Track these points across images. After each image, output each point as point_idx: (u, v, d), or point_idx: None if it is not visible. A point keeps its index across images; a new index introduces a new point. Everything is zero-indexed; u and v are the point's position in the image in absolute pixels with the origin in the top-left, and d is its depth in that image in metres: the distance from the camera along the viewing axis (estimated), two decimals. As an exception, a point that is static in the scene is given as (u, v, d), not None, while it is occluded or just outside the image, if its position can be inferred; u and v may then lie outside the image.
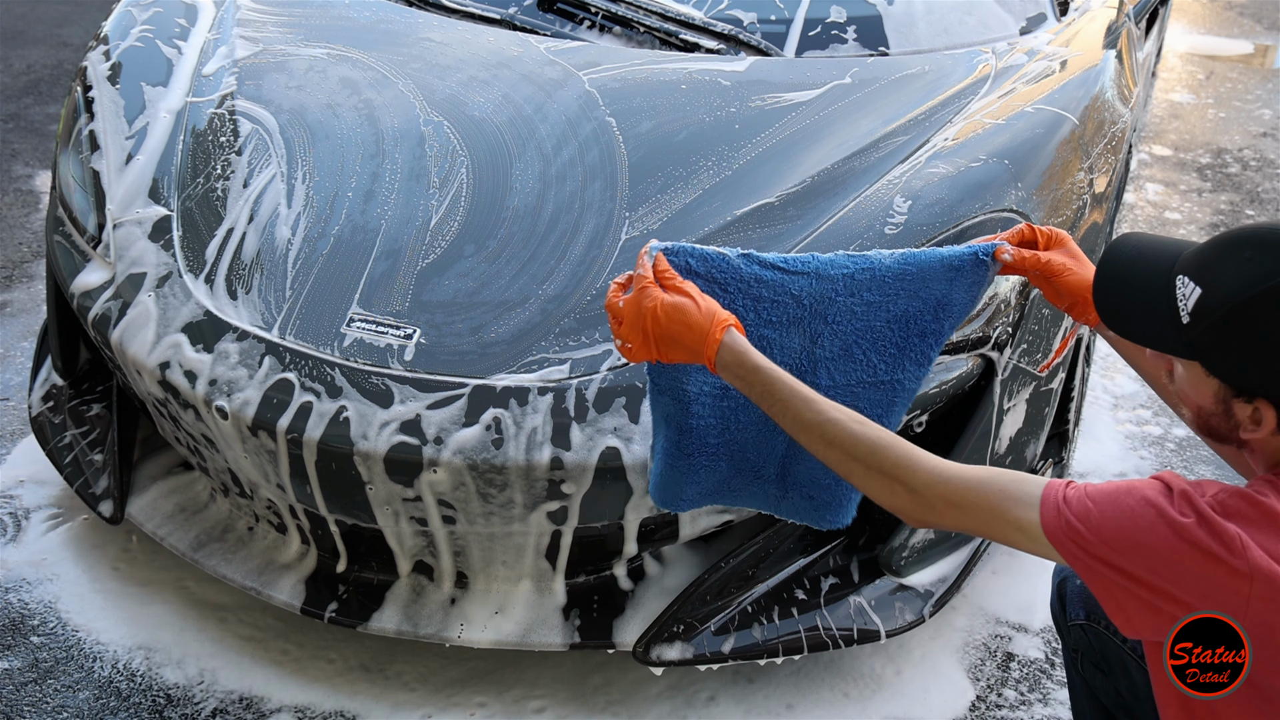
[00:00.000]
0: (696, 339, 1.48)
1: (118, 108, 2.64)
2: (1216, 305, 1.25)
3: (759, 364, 1.47)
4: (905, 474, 1.38)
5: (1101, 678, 1.76)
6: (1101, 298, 1.40)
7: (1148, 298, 1.33)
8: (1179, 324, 1.29)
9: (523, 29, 2.87)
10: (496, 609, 2.17)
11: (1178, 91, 6.15)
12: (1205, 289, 1.26)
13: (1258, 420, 1.28)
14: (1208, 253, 1.30)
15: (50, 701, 2.21)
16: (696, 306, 1.49)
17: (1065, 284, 1.66)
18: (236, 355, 2.13)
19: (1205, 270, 1.28)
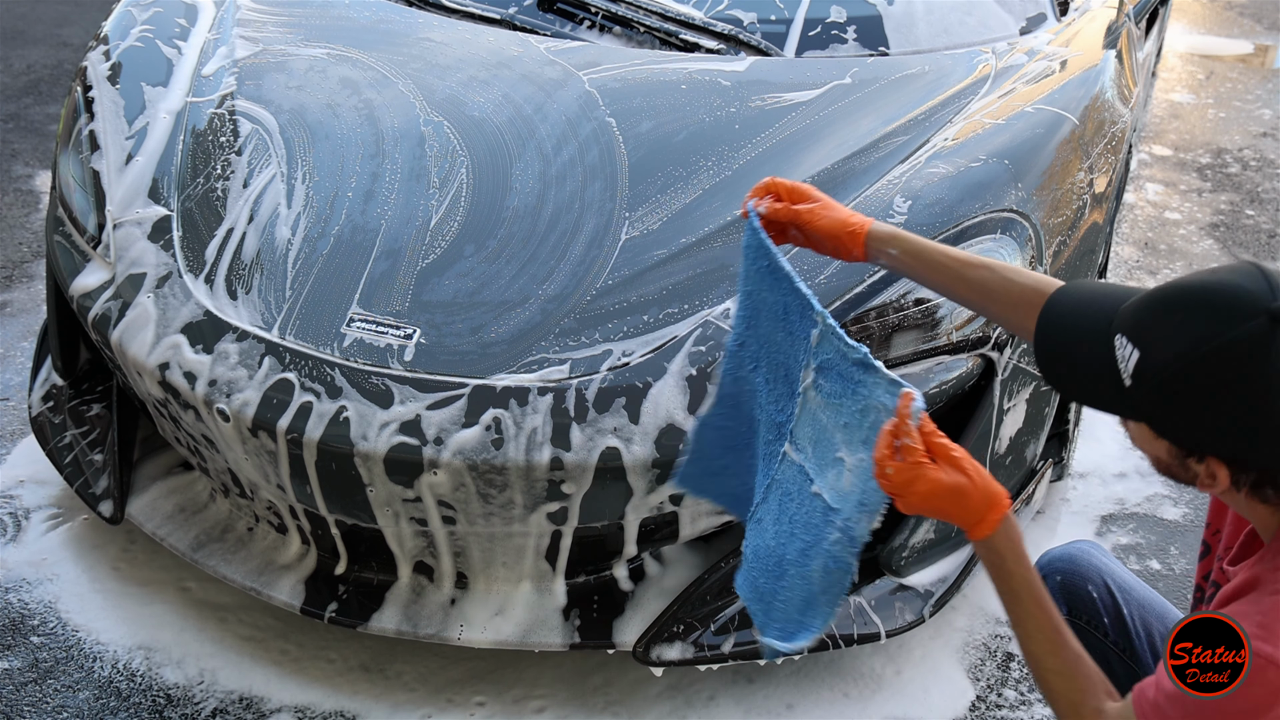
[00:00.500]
0: (969, 520, 1.39)
1: (118, 108, 2.63)
2: (1156, 370, 1.21)
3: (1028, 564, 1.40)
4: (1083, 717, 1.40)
5: None
6: (1044, 362, 1.36)
7: (1088, 360, 1.29)
8: (1122, 387, 1.25)
9: (523, 29, 2.87)
10: (496, 609, 2.17)
11: (1178, 91, 6.15)
12: (1143, 351, 1.23)
13: (1211, 476, 1.26)
14: (1143, 312, 1.25)
15: (50, 701, 2.21)
16: (974, 486, 1.37)
17: (821, 228, 1.63)
18: (236, 355, 2.13)
19: (1142, 331, 1.24)
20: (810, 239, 1.67)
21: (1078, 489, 2.95)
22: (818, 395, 1.60)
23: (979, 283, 1.61)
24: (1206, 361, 1.18)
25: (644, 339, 2.10)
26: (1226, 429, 1.20)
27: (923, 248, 1.63)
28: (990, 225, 2.26)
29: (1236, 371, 1.17)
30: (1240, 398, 1.17)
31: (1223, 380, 1.17)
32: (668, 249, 2.23)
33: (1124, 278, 4.10)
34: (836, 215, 1.64)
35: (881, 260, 1.65)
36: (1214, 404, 1.19)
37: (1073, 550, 1.79)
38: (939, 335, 2.19)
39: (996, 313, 1.62)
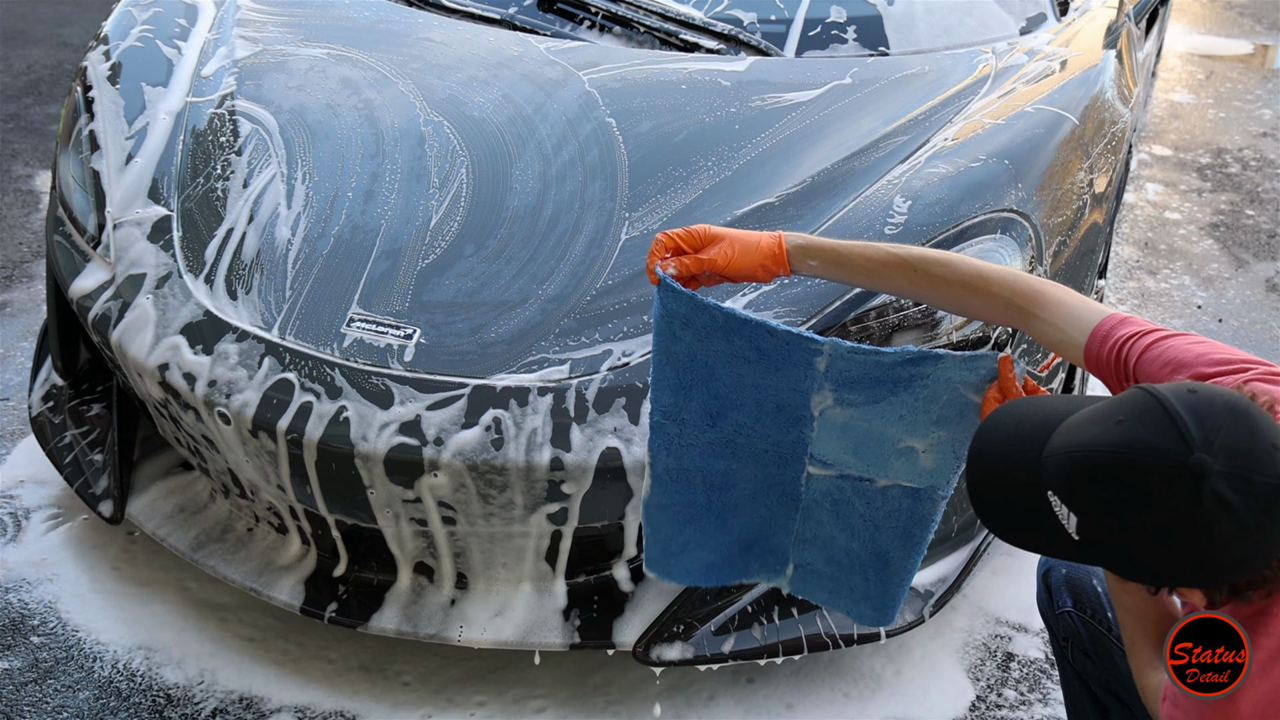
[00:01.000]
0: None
1: (118, 108, 2.63)
2: (1097, 534, 1.18)
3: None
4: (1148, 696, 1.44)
5: (1091, 664, 1.77)
6: (989, 520, 1.31)
7: (1033, 519, 1.24)
8: (1071, 541, 1.21)
9: (523, 29, 2.87)
10: (497, 609, 2.17)
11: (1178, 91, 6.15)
12: (1080, 516, 1.19)
13: (1185, 598, 1.26)
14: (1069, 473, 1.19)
15: (50, 701, 2.21)
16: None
17: (740, 265, 1.61)
18: (236, 356, 2.13)
19: (1072, 495, 1.19)
20: (729, 277, 1.63)
21: (1078, 489, 2.94)
22: (845, 410, 1.61)
23: (904, 281, 1.61)
24: (1142, 528, 1.14)
25: (644, 339, 2.10)
26: (1182, 574, 1.17)
27: (840, 253, 1.61)
28: (990, 225, 2.26)
29: (1176, 530, 1.13)
30: (1187, 548, 1.14)
31: (1164, 538, 1.14)
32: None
33: (1124, 278, 4.10)
34: (747, 246, 1.61)
35: (804, 272, 1.64)
36: (1162, 558, 1.16)
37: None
38: (939, 335, 2.19)
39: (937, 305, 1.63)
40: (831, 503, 1.73)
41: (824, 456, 1.68)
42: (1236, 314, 3.92)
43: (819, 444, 1.67)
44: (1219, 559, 1.13)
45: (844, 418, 1.63)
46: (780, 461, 1.71)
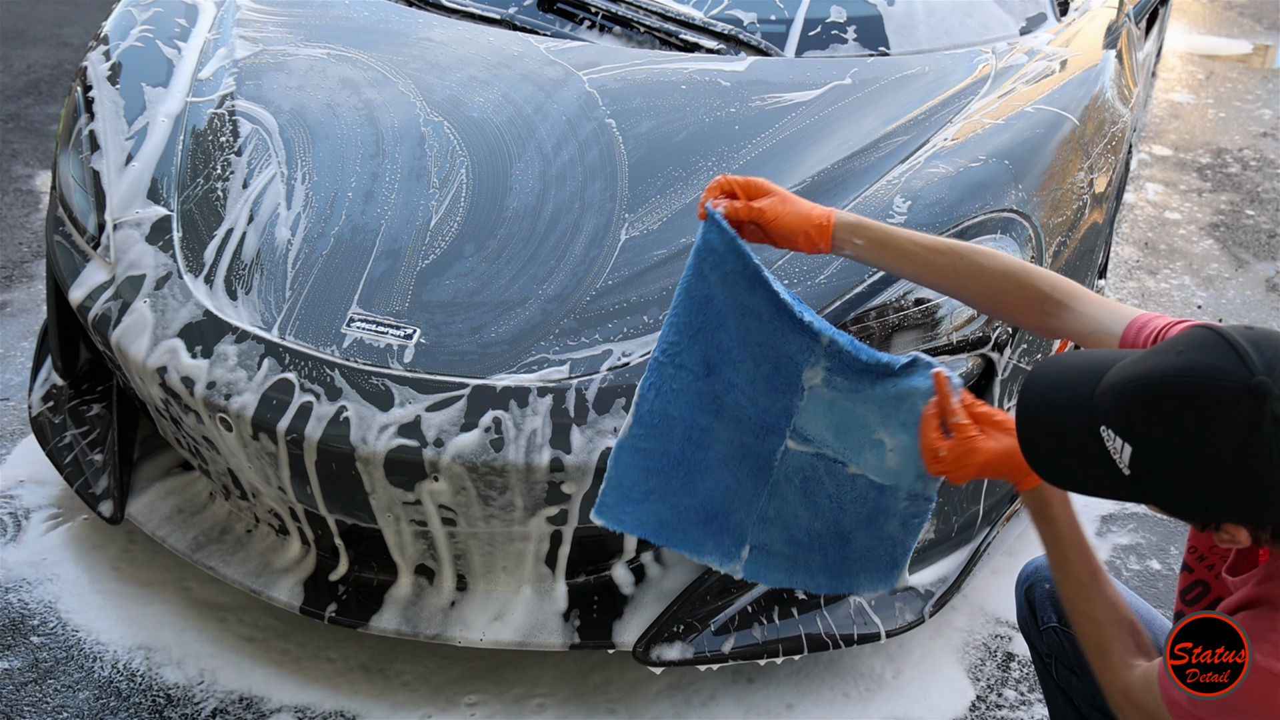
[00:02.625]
0: (1019, 477, 1.47)
1: (118, 108, 2.63)
2: (1152, 462, 1.20)
3: (1072, 518, 1.48)
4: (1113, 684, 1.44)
5: (1076, 679, 1.75)
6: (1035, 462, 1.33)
7: (1083, 456, 1.26)
8: (1121, 476, 1.24)
9: (523, 29, 2.87)
10: (496, 609, 2.17)
11: (1178, 91, 6.15)
12: (1135, 445, 1.21)
13: (1230, 536, 1.25)
14: (1125, 403, 1.22)
15: (50, 701, 2.21)
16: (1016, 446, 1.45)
17: (785, 225, 1.61)
18: (236, 356, 2.13)
19: (1128, 425, 1.21)
20: (771, 234, 1.64)
21: (1078, 489, 2.94)
22: (832, 390, 1.62)
23: (949, 269, 1.60)
24: (1202, 451, 1.17)
25: (644, 339, 2.10)
26: (1234, 503, 1.19)
27: (888, 235, 1.62)
28: (990, 225, 2.26)
29: (1233, 453, 1.16)
30: (1242, 473, 1.16)
31: (1221, 463, 1.16)
32: (668, 249, 2.23)
33: (1124, 278, 4.10)
34: (799, 209, 1.62)
35: (847, 251, 1.63)
36: (1217, 484, 1.18)
37: None
38: (939, 335, 2.19)
39: (969, 298, 1.63)
40: (802, 480, 1.72)
41: (806, 431, 1.68)
42: (1236, 314, 3.92)
43: (803, 417, 1.66)
44: (1274, 484, 1.16)
45: (831, 397, 1.64)
46: (761, 431, 1.71)
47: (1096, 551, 1.52)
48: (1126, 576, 2.67)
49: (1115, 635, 1.45)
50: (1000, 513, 2.45)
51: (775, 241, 1.65)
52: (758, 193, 1.64)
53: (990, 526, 2.42)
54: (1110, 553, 2.74)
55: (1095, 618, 1.46)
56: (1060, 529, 1.47)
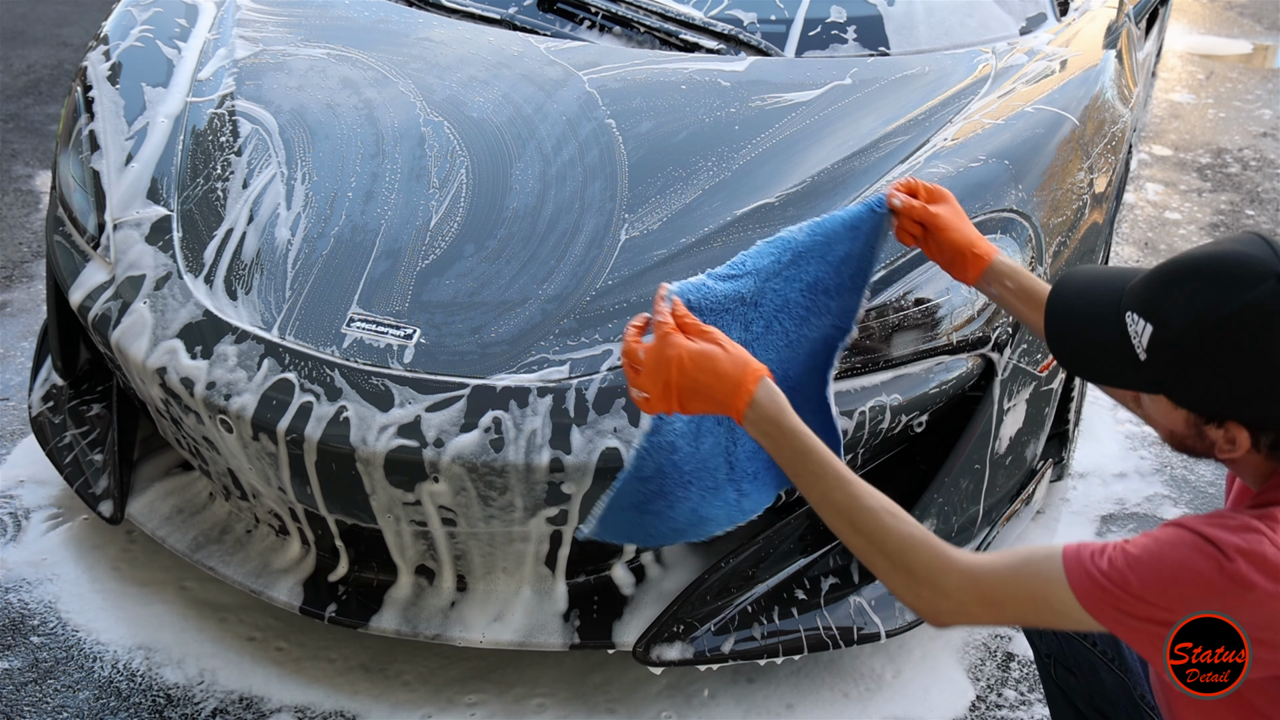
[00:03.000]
0: (726, 390, 1.37)
1: (118, 108, 2.63)
2: (1171, 341, 1.24)
3: (794, 426, 1.36)
4: (936, 576, 1.30)
5: (1074, 680, 1.76)
6: (1055, 343, 1.38)
7: (1102, 339, 1.32)
8: (1137, 362, 1.28)
9: (523, 29, 2.87)
10: (496, 610, 2.17)
11: (1178, 91, 6.15)
12: (1156, 325, 1.25)
13: (1231, 441, 1.27)
14: (1153, 286, 1.28)
15: (50, 701, 2.21)
16: (726, 354, 1.39)
17: (948, 240, 1.66)
18: (236, 356, 2.13)
19: (1153, 306, 1.27)
20: (934, 241, 1.68)
21: (1078, 489, 2.95)
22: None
23: None
24: (1220, 328, 1.21)
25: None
26: (1244, 392, 1.23)
27: (1035, 288, 1.65)
28: (990, 225, 2.26)
29: (1250, 334, 1.20)
30: (1256, 359, 1.20)
31: (1237, 344, 1.20)
32: (668, 249, 2.23)
33: (1124, 278, 4.09)
34: (968, 232, 1.66)
35: (993, 289, 1.68)
36: (1230, 368, 1.22)
37: None
38: (939, 335, 2.19)
39: None
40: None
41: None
42: (1236, 314, 3.91)
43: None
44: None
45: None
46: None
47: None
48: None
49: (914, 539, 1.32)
50: (1000, 513, 2.45)
51: (930, 249, 1.70)
52: (938, 199, 1.69)
53: (990, 526, 2.42)
54: (1110, 553, 2.74)
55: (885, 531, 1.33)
56: (788, 454, 1.36)
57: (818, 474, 1.35)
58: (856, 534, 1.34)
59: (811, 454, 1.36)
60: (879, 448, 2.22)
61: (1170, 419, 1.31)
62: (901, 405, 2.13)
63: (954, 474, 2.25)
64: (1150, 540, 1.26)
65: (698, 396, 1.39)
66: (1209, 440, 1.30)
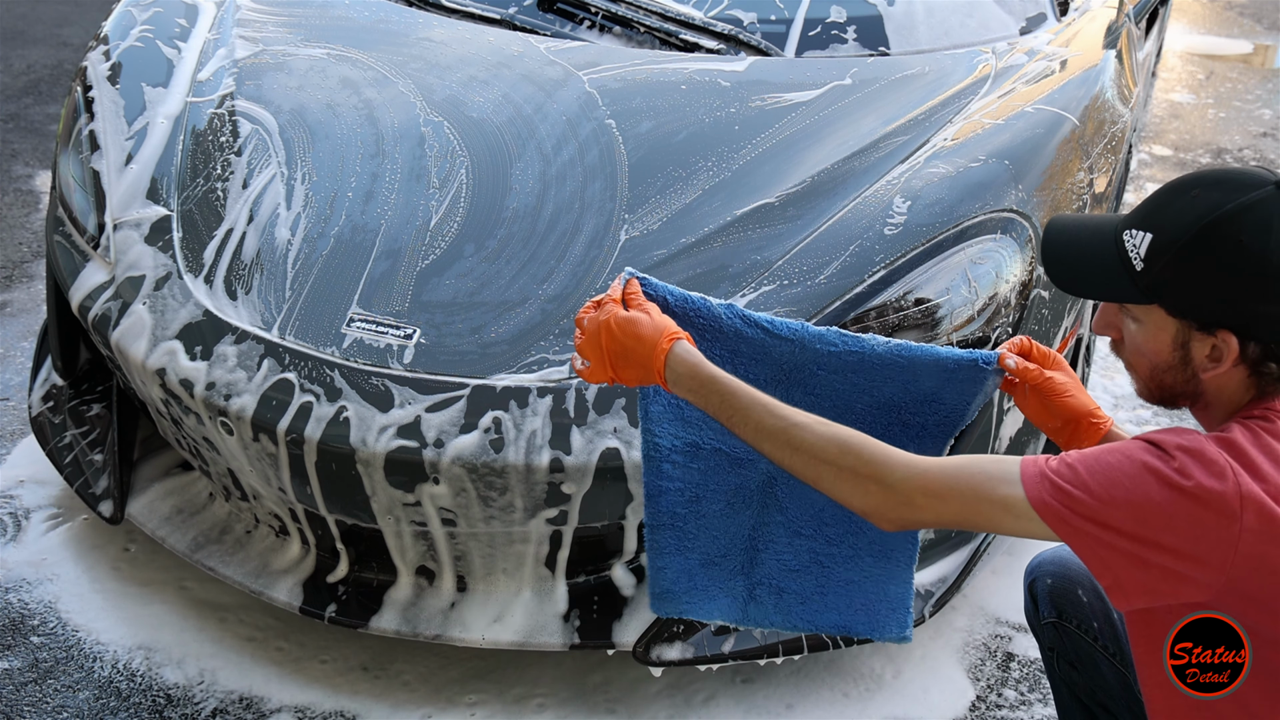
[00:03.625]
0: (646, 351, 1.42)
1: (118, 108, 2.64)
2: (1169, 243, 1.30)
3: (713, 374, 1.40)
4: (880, 470, 1.33)
5: (1075, 674, 1.77)
6: (1052, 263, 1.44)
7: (1098, 254, 1.38)
8: (1133, 272, 1.33)
9: (523, 29, 2.87)
10: (496, 611, 2.17)
11: (1178, 91, 6.15)
12: (1155, 232, 1.32)
13: (1218, 356, 1.31)
14: (1151, 203, 1.36)
15: (50, 701, 2.21)
16: (650, 319, 1.44)
17: (1063, 405, 1.60)
18: (236, 356, 2.13)
19: (1152, 216, 1.34)
20: (1049, 405, 1.62)
21: (1078, 489, 2.94)
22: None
23: None
24: (1217, 226, 1.27)
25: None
26: (1237, 292, 1.27)
27: None
28: (990, 225, 2.26)
29: (1247, 233, 1.25)
30: (1251, 258, 1.25)
31: (1234, 242, 1.26)
32: (667, 249, 2.23)
33: (1124, 278, 4.09)
34: (1085, 400, 1.62)
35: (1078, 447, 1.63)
36: (1225, 267, 1.27)
37: (1063, 553, 1.79)
38: (939, 335, 2.19)
39: None
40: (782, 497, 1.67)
41: None
42: (1236, 314, 3.91)
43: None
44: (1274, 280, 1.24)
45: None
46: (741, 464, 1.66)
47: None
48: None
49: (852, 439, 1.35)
50: (1000, 513, 2.45)
51: (1041, 415, 1.63)
52: (1054, 365, 1.64)
53: (990, 526, 2.42)
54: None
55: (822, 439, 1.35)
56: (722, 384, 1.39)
57: (748, 408, 1.38)
58: (797, 452, 1.36)
59: (737, 392, 1.39)
60: (879, 448, 2.22)
61: (1158, 341, 1.35)
62: (901, 405, 2.13)
63: (954, 474, 2.25)
64: (1097, 449, 1.30)
65: (626, 361, 1.44)
66: (1192, 365, 1.33)
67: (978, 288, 2.22)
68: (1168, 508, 1.23)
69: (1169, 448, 1.25)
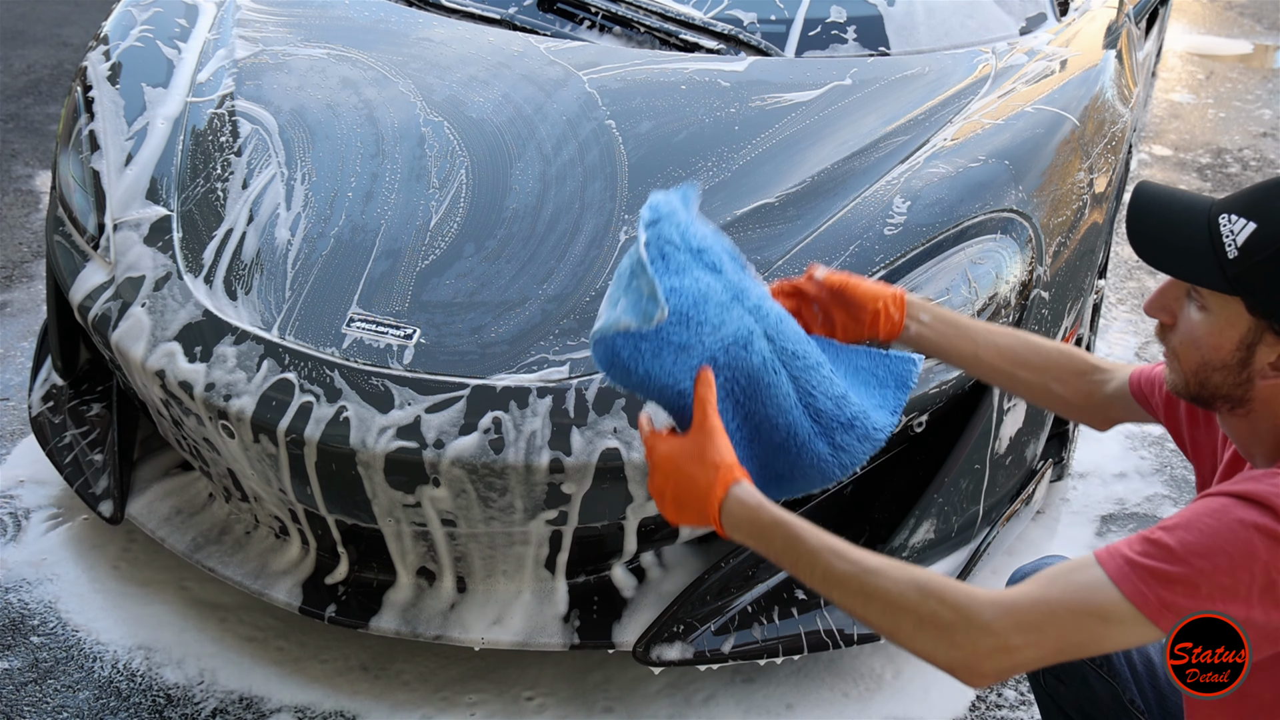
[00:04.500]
0: (700, 495, 1.31)
1: (118, 108, 2.63)
2: (1273, 238, 1.23)
3: (776, 517, 1.28)
4: (968, 612, 1.19)
5: (1063, 688, 1.75)
6: (1136, 227, 1.35)
7: (1186, 230, 1.29)
8: (1224, 258, 1.25)
9: (523, 29, 2.87)
10: (497, 611, 2.17)
11: (1178, 91, 6.15)
12: (1260, 223, 1.24)
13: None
14: (1260, 192, 1.28)
15: (50, 701, 2.21)
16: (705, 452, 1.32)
17: (863, 293, 1.59)
18: (235, 356, 2.13)
19: (1259, 206, 1.26)
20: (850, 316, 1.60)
21: (1078, 489, 2.95)
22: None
23: (1007, 346, 1.64)
24: None
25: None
26: None
27: (954, 315, 1.66)
28: (990, 225, 2.26)
29: None
30: None
31: None
32: (667, 249, 2.23)
33: (1124, 278, 4.10)
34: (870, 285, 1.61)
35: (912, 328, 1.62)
36: None
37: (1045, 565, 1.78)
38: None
39: (1024, 375, 1.65)
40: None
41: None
42: (1236, 314, 3.91)
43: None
44: None
45: None
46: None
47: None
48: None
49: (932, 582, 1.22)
50: (1000, 513, 2.45)
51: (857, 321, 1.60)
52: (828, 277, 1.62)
53: (990, 526, 2.42)
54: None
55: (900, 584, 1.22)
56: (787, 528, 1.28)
57: (815, 553, 1.27)
58: (871, 600, 1.23)
59: (802, 537, 1.27)
60: (879, 448, 2.22)
61: (1222, 336, 1.28)
62: (901, 405, 2.13)
63: (954, 474, 2.25)
64: (1183, 515, 1.21)
65: (681, 507, 1.34)
66: (1252, 366, 1.27)
67: (978, 288, 2.22)
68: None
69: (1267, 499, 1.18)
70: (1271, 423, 1.31)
